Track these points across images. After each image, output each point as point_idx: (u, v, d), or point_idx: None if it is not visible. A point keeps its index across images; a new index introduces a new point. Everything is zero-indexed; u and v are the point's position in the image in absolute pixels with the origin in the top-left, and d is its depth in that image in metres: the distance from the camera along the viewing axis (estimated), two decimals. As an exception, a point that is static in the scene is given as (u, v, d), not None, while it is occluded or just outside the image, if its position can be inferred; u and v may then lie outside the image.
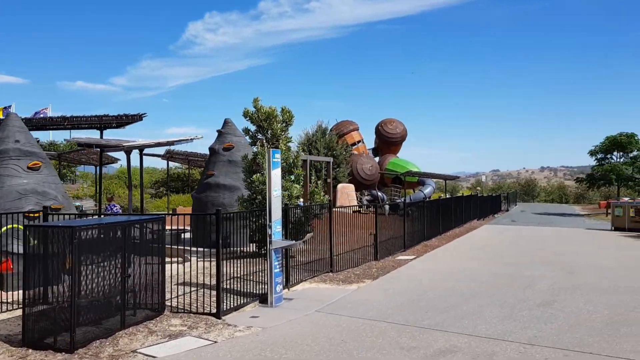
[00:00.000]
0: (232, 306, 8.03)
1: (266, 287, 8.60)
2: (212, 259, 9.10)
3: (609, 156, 41.63)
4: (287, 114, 13.13)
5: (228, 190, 15.07)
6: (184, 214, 9.29)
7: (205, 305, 8.04)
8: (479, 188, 75.14)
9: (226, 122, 16.37)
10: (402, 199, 38.26)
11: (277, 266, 8.58)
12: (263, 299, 8.61)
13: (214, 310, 7.75)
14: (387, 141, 46.46)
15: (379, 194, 43.97)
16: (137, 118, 17.43)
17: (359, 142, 45.41)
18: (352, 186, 38.59)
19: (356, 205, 21.28)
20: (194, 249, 12.55)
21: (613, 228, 25.40)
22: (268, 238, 8.59)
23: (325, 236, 11.98)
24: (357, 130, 45.94)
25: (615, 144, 40.38)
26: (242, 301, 8.37)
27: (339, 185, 37.01)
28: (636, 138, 40.08)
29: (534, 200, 74.45)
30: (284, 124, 13.11)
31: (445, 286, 10.00)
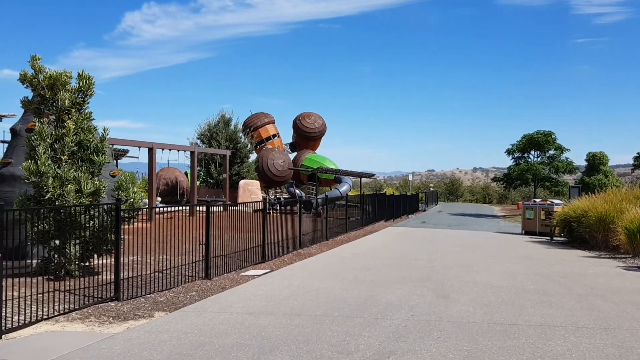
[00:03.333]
0: None
1: None
2: None
3: (526, 155, 40.39)
4: (85, 81, 9.68)
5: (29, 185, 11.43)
6: None
7: None
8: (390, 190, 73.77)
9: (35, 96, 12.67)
10: (315, 198, 35.47)
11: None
12: None
13: None
14: (305, 136, 43.37)
15: (297, 191, 41.12)
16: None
17: (274, 136, 42.14)
18: (256, 183, 35.30)
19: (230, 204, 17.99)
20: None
21: (523, 232, 23.47)
22: None
23: (136, 246, 8.73)
24: (273, 123, 42.64)
25: (533, 142, 39.16)
26: None
27: (241, 182, 33.59)
28: (553, 137, 39.02)
29: (458, 200, 73.82)
30: (78, 94, 9.67)
31: (256, 326, 6.91)
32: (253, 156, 41.58)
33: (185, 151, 26.02)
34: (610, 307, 8.16)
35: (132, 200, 9.89)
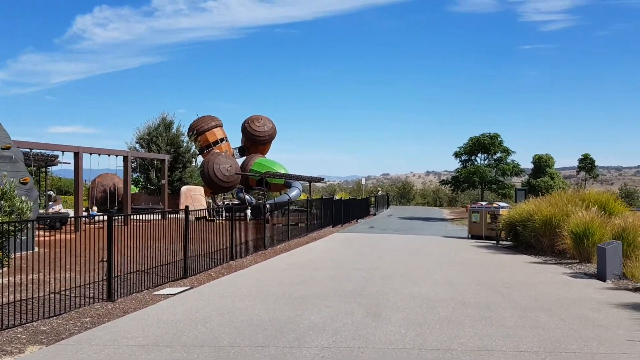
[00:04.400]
0: None
1: None
2: None
3: (473, 158, 40.31)
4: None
5: None
6: None
7: None
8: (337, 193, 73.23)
9: None
10: (263, 203, 34.26)
11: None
12: None
13: None
14: (255, 140, 42.01)
15: (247, 197, 39.77)
16: None
17: (222, 140, 40.60)
18: (200, 189, 33.79)
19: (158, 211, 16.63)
20: None
21: (470, 236, 22.93)
22: None
23: (42, 262, 7.37)
24: (221, 126, 41.11)
25: (479, 145, 39.10)
26: None
27: (184, 188, 32.04)
28: (499, 139, 39.06)
29: (410, 203, 73.87)
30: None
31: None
32: (198, 161, 40.04)
33: (117, 155, 24.35)
34: (557, 324, 7.35)
35: (19, 211, 8.50)
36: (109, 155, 23.83)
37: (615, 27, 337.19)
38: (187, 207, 11.96)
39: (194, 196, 32.50)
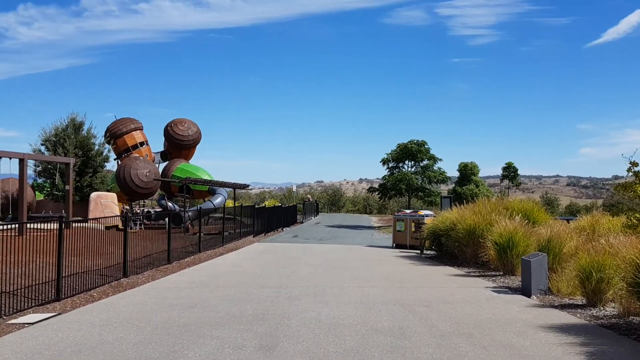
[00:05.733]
0: None
1: None
2: None
3: (400, 165, 39.97)
4: None
5: None
6: None
7: None
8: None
9: None
10: (184, 210, 32.28)
11: None
12: None
13: None
14: (178, 144, 39.77)
15: (170, 204, 37.51)
16: None
17: (142, 143, 38.09)
18: (112, 195, 31.39)
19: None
20: None
21: (394, 245, 22.12)
22: None
23: None
24: (141, 129, 38.60)
25: (407, 152, 38.80)
26: None
27: (93, 194, 29.53)
28: (426, 146, 38.92)
29: (340, 211, 73.43)
30: None
31: None
32: (111, 165, 37.47)
33: (10, 158, 21.84)
34: (478, 355, 6.30)
35: None
36: (1, 158, 21.31)
37: (536, 43, 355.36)
38: (61, 216, 10.21)
39: (105, 203, 30.13)
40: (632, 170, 10.80)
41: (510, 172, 48.44)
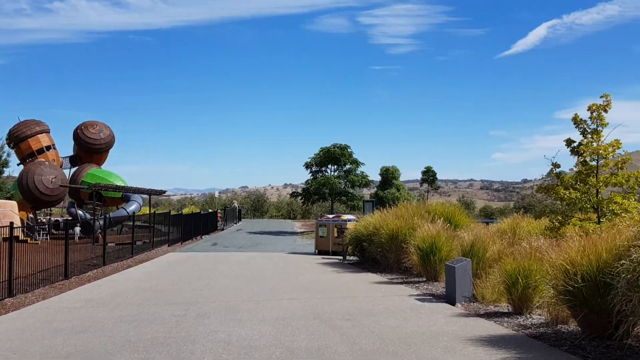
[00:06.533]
0: None
1: None
2: None
3: (324, 169, 39.52)
4: None
5: None
6: None
7: None
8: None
9: None
10: (93, 219, 30.11)
11: None
12: None
13: None
14: (89, 148, 37.24)
15: (80, 212, 34.99)
16: None
17: (48, 147, 35.29)
18: (12, 203, 28.82)
19: None
20: None
21: (317, 251, 21.45)
22: None
23: None
24: (47, 132, 35.78)
25: (330, 156, 38.41)
26: None
27: (-10, 203, 26.98)
28: (349, 150, 38.74)
29: (264, 216, 72.27)
30: None
31: None
32: (11, 170, 34.54)
33: None
34: (403, 379, 5.62)
35: None
36: None
37: (453, 53, 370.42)
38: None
39: (4, 212, 27.55)
40: (554, 172, 10.68)
41: (429, 175, 49.40)
